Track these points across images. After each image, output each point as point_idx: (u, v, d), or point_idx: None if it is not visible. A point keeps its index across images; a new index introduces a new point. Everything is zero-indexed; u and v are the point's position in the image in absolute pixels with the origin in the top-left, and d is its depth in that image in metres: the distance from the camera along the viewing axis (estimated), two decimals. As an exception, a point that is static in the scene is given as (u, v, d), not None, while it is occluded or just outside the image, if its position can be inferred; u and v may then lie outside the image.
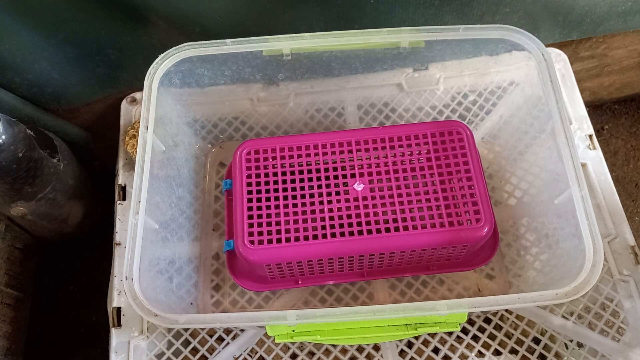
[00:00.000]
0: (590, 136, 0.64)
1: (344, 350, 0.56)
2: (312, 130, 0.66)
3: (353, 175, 0.53)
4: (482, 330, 0.57)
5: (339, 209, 0.52)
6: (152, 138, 0.50)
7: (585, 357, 0.54)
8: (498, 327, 0.56)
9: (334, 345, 0.56)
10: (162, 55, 0.53)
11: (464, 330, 0.57)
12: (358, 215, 0.51)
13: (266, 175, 0.54)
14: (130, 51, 0.64)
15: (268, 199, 0.52)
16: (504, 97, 0.64)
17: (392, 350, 0.56)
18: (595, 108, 1.02)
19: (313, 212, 0.51)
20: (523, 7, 0.65)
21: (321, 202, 0.52)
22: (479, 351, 0.55)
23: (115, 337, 0.56)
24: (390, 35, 0.53)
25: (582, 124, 0.65)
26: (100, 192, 0.81)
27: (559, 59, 0.68)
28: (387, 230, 0.50)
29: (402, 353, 0.56)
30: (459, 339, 0.57)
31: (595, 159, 0.62)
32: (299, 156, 0.54)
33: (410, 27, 0.53)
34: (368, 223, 0.51)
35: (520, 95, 0.62)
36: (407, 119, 0.66)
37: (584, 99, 0.68)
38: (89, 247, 0.86)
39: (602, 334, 0.54)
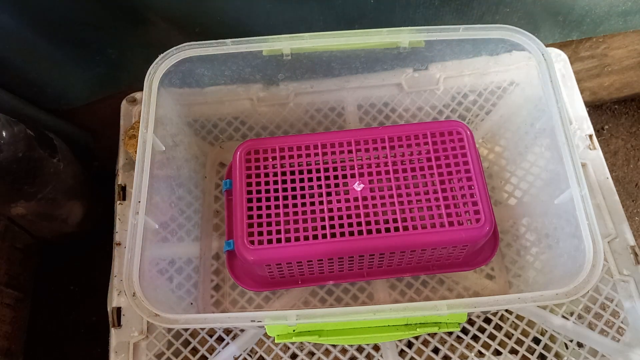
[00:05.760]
0: (590, 136, 0.64)
1: (344, 350, 0.56)
2: (312, 130, 0.66)
3: (353, 175, 0.53)
4: (482, 330, 0.57)
5: (339, 209, 0.52)
6: (152, 138, 0.50)
7: (585, 357, 0.54)
8: (498, 327, 0.56)
9: (334, 345, 0.56)
10: (162, 55, 0.53)
11: (464, 330, 0.57)
12: (358, 215, 0.51)
13: (266, 175, 0.54)
14: (130, 51, 0.64)
15: (268, 199, 0.52)
16: (504, 97, 0.64)
17: (392, 350, 0.56)
18: (595, 108, 1.02)
19: (313, 212, 0.51)
20: (523, 7, 0.65)
21: (321, 202, 0.52)
22: (479, 351, 0.55)
23: (115, 337, 0.56)
24: (390, 35, 0.53)
25: (582, 124, 0.64)
26: (100, 192, 0.81)
27: (559, 59, 0.68)
28: (387, 230, 0.50)
29: (402, 353, 0.56)
30: (459, 339, 0.57)
31: (595, 159, 0.62)
32: (299, 156, 0.54)
33: (410, 27, 0.53)
34: (368, 223, 0.51)
35: (521, 95, 0.62)
36: (407, 119, 0.66)
37: (584, 99, 0.68)
38: (89, 247, 0.86)
39: (602, 334, 0.54)
